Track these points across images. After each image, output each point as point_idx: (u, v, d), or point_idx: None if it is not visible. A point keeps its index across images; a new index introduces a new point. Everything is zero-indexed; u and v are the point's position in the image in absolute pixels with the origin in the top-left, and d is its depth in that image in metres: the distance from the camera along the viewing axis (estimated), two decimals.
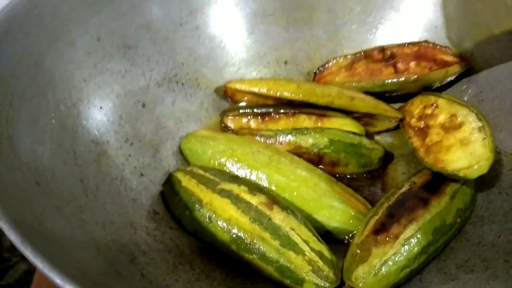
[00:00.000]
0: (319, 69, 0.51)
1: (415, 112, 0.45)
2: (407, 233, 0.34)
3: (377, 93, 0.47)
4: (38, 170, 0.31)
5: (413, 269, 0.34)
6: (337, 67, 0.51)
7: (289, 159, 0.41)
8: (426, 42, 0.48)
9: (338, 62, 0.51)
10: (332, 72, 0.50)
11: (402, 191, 0.38)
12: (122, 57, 0.43)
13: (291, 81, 0.48)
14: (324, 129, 0.44)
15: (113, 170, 0.39)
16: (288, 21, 0.51)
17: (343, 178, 0.44)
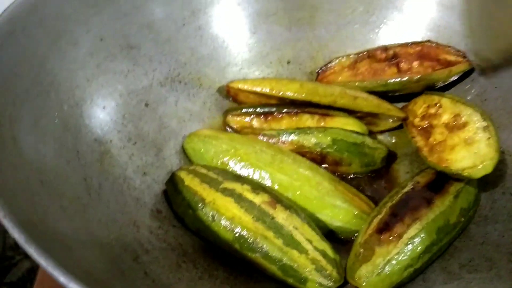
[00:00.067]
0: (322, 68, 0.51)
1: (419, 112, 0.45)
2: (411, 232, 0.34)
3: (380, 93, 0.47)
4: (41, 169, 0.31)
5: (416, 269, 0.34)
6: (340, 66, 0.50)
7: (292, 158, 0.41)
8: (429, 41, 0.48)
9: (341, 62, 0.50)
10: (335, 71, 0.50)
11: (406, 190, 0.38)
12: (125, 57, 0.43)
13: (294, 81, 0.48)
14: (327, 128, 0.44)
15: (116, 169, 0.39)
16: (291, 21, 0.51)
17: (346, 177, 0.44)
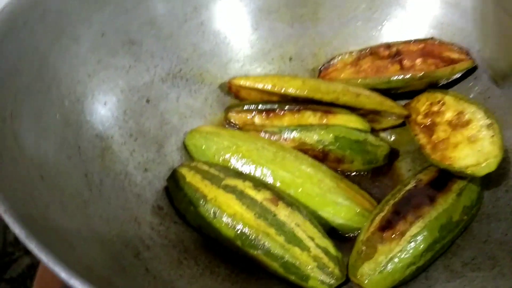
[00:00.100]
0: (324, 65, 0.51)
1: (421, 109, 0.44)
2: (413, 230, 0.34)
3: (383, 90, 0.46)
4: (42, 164, 0.31)
5: (419, 267, 0.34)
6: (343, 63, 0.50)
7: (294, 156, 0.41)
8: (432, 39, 0.47)
9: (344, 59, 0.50)
10: (337, 68, 0.50)
11: (408, 188, 0.38)
12: (126, 53, 0.43)
13: (296, 78, 0.48)
14: (329, 125, 0.43)
15: (117, 165, 0.38)
16: (293, 17, 0.51)
17: (348, 175, 0.44)
